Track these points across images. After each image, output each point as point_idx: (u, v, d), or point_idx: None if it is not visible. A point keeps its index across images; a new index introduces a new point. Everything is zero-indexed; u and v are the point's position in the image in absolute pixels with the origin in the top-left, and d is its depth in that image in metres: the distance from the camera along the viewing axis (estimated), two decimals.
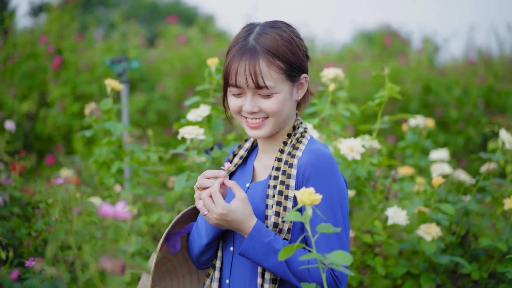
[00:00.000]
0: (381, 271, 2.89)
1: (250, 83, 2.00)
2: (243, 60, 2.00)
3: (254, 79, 1.99)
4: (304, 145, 2.10)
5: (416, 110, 6.97)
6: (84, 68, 7.00)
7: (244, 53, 2.00)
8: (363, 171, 2.83)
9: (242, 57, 2.00)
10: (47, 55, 7.12)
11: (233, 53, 2.03)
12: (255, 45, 2.01)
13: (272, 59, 2.00)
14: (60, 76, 6.93)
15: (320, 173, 2.00)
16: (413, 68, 7.32)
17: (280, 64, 2.01)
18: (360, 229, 2.97)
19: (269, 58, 2.00)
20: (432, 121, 4.09)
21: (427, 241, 2.84)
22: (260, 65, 1.99)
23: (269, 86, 2.00)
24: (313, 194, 1.70)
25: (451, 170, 3.37)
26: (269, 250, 1.95)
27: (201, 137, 2.75)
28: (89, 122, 3.17)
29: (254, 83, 1.99)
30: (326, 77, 3.09)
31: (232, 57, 2.02)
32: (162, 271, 2.25)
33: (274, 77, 2.01)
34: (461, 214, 3.18)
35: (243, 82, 2.00)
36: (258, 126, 2.07)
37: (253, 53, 2.00)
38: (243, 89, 2.03)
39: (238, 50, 2.02)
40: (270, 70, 2.00)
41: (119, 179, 3.28)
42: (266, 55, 2.00)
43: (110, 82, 3.04)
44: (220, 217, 1.94)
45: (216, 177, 2.02)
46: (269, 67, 2.00)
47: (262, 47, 2.00)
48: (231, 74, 2.02)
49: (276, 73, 2.01)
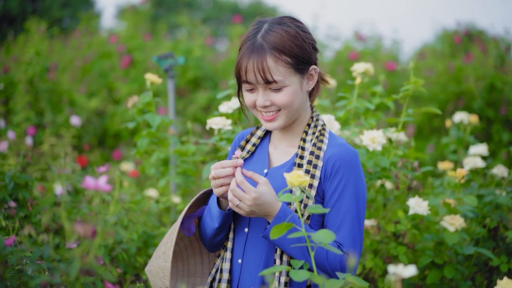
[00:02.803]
0: (404, 260, 2.96)
1: (259, 79, 2.12)
2: (251, 58, 2.12)
3: (262, 75, 2.11)
4: (327, 138, 2.23)
5: (480, 109, 6.90)
6: (152, 66, 7.28)
7: (252, 51, 2.13)
8: (387, 162, 2.90)
9: (251, 55, 2.13)
10: (118, 55, 7.47)
11: (243, 52, 2.16)
12: (262, 42, 2.13)
13: (279, 55, 2.12)
14: (129, 74, 7.24)
15: (349, 166, 2.14)
16: (476, 66, 7.22)
17: (287, 59, 2.13)
18: (384, 219, 3.04)
19: (275, 54, 2.12)
20: (476, 117, 4.10)
21: (450, 232, 2.90)
22: (268, 61, 2.11)
23: (277, 80, 2.12)
24: (301, 176, 1.82)
25: (483, 164, 3.39)
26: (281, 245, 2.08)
27: (228, 127, 2.91)
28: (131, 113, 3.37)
29: (263, 78, 2.12)
30: (357, 71, 3.17)
31: (242, 55, 2.16)
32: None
33: (282, 71, 2.12)
34: (492, 208, 3.21)
35: (253, 78, 2.14)
36: (272, 118, 2.20)
37: (260, 51, 2.12)
38: (254, 84, 2.16)
39: (247, 49, 2.15)
40: (277, 66, 2.12)
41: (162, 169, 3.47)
42: (273, 52, 2.12)
43: (149, 76, 3.23)
44: (253, 202, 2.03)
45: (233, 171, 2.12)
46: (276, 62, 2.11)
47: (269, 44, 2.12)
48: (242, 71, 2.15)
49: (284, 67, 2.13)
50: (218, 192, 2.15)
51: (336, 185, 2.12)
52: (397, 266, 1.51)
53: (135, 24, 8.34)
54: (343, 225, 2.10)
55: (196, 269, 2.47)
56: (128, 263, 3.23)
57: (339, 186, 2.12)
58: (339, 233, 2.10)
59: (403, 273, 1.49)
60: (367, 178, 2.98)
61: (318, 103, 3.36)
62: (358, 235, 2.13)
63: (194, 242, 2.48)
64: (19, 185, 2.97)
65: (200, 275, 2.47)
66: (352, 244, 2.10)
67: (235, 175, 2.10)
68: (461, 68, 7.28)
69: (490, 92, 7.04)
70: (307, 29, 2.26)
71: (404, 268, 1.50)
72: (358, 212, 2.13)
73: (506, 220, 3.26)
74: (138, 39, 7.44)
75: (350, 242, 2.10)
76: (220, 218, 2.22)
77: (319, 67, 2.27)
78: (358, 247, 2.12)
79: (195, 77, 7.36)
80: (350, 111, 3.12)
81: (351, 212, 2.11)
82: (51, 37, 8.88)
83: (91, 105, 6.96)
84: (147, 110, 3.30)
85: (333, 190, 2.12)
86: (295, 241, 2.04)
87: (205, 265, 2.48)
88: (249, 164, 2.33)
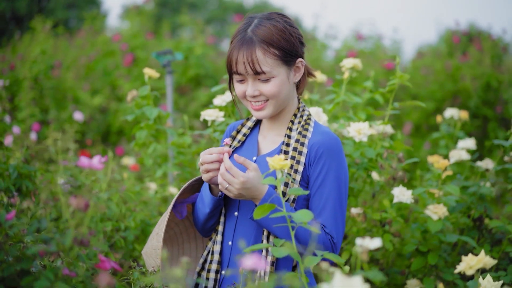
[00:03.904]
0: (389, 246, 3.09)
1: (249, 70, 2.27)
2: (241, 50, 2.28)
3: (252, 66, 2.26)
4: (312, 127, 2.37)
5: (476, 107, 7.03)
6: (154, 64, 7.44)
7: (243, 44, 2.28)
8: (373, 153, 3.04)
9: (241, 48, 2.28)
10: (121, 53, 7.63)
11: (234, 44, 2.32)
12: (252, 36, 2.29)
13: (267, 48, 2.27)
14: (132, 72, 7.39)
15: (331, 153, 2.29)
16: (472, 65, 7.34)
17: (275, 51, 2.28)
18: (371, 208, 3.18)
19: (264, 47, 2.27)
20: (466, 113, 4.23)
21: (433, 220, 3.03)
22: (257, 53, 2.26)
23: (266, 71, 2.27)
24: (282, 160, 1.96)
25: (468, 156, 3.52)
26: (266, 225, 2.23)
27: (221, 119, 3.06)
28: (130, 108, 3.51)
29: (252, 69, 2.27)
30: (345, 66, 3.31)
31: (233, 48, 2.31)
32: (164, 238, 2.54)
33: (270, 63, 2.27)
34: (476, 198, 3.35)
35: (243, 69, 2.28)
36: (261, 108, 2.35)
37: (250, 44, 2.27)
38: (244, 75, 2.31)
39: (238, 42, 2.30)
40: (265, 58, 2.27)
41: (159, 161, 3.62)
42: (262, 45, 2.27)
43: (147, 71, 3.37)
44: (241, 186, 2.18)
45: (221, 157, 2.27)
46: (264, 54, 2.27)
47: (258, 38, 2.28)
48: (233, 63, 2.31)
49: (272, 59, 2.28)
50: (205, 178, 2.30)
51: (319, 171, 2.26)
52: (364, 239, 1.64)
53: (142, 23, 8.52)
54: (326, 208, 2.24)
55: (190, 253, 2.61)
56: (127, 250, 3.37)
57: (322, 171, 2.26)
58: (322, 216, 2.24)
59: (369, 245, 1.62)
60: (354, 168, 3.12)
61: (309, 97, 3.49)
62: (340, 218, 2.26)
63: (189, 228, 2.62)
64: (22, 175, 3.11)
65: (194, 259, 2.60)
66: (334, 225, 2.24)
67: (223, 160, 2.24)
68: (458, 67, 7.42)
69: (486, 91, 7.17)
70: (294, 24, 2.41)
71: (370, 240, 1.63)
72: (339, 195, 2.27)
73: (490, 210, 3.40)
74: (141, 37, 7.60)
75: (332, 224, 2.23)
76: (211, 203, 2.36)
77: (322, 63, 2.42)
78: (340, 229, 2.26)
79: (196, 75, 7.52)
80: (338, 104, 3.25)
81: (332, 196, 2.25)
82: (56, 36, 9.05)
83: (94, 102, 7.11)
84: (145, 103, 3.43)
85: (316, 175, 2.26)
86: (279, 222, 2.18)
87: (199, 250, 2.62)
88: (240, 152, 2.47)
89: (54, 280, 1.55)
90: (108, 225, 3.20)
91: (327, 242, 2.22)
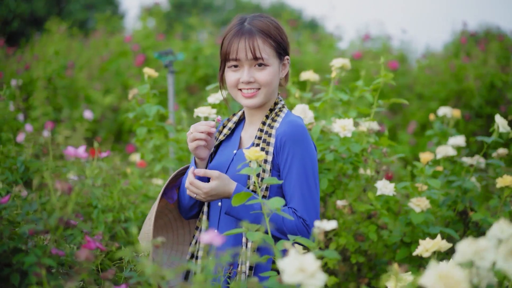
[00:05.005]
0: (373, 237, 3.25)
1: (249, 55, 2.45)
2: (242, 38, 2.46)
3: (253, 51, 2.45)
4: (281, 117, 2.54)
5: (479, 106, 7.14)
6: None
7: (243, 33, 2.47)
8: (358, 148, 3.19)
9: (242, 36, 2.47)
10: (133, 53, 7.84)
11: (232, 35, 2.49)
12: (251, 27, 2.48)
13: (265, 38, 2.48)
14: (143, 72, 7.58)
15: (295, 141, 2.43)
16: (476, 65, 7.45)
17: (271, 42, 2.49)
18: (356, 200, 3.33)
19: (263, 36, 2.47)
20: (459, 112, 4.36)
21: (416, 212, 3.19)
22: (258, 41, 2.46)
23: (264, 58, 2.46)
24: (258, 151, 2.13)
25: (454, 152, 3.66)
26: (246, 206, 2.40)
27: (213, 116, 3.24)
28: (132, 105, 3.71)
29: (253, 54, 2.45)
30: (335, 66, 3.46)
31: (232, 37, 2.49)
32: (159, 224, 2.72)
33: (267, 51, 2.48)
34: (461, 192, 3.50)
35: (243, 55, 2.46)
36: (252, 95, 2.51)
37: (250, 33, 2.47)
38: (241, 62, 2.48)
39: (236, 32, 2.49)
40: (264, 46, 2.47)
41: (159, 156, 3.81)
42: (261, 34, 2.47)
43: (147, 70, 3.56)
44: (207, 195, 2.40)
45: (209, 129, 2.48)
46: (263, 43, 2.47)
47: (257, 29, 2.48)
48: (232, 50, 2.48)
49: (269, 48, 2.48)
50: (192, 146, 2.50)
51: (285, 159, 2.42)
52: (322, 222, 1.80)
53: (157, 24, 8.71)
54: (295, 193, 2.40)
55: (184, 238, 2.79)
56: (127, 241, 3.56)
57: (288, 159, 2.42)
58: (293, 201, 2.40)
59: (326, 226, 1.78)
60: (340, 162, 3.28)
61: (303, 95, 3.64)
62: (311, 202, 2.41)
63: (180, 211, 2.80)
64: (29, 169, 3.31)
65: (187, 243, 2.78)
66: (305, 209, 2.39)
67: (188, 176, 2.45)
68: (461, 67, 7.52)
69: (490, 90, 7.27)
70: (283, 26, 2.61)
71: (327, 222, 1.80)
72: (307, 179, 2.42)
73: (475, 204, 3.55)
74: (152, 38, 7.80)
75: (303, 207, 2.39)
76: (196, 177, 2.51)
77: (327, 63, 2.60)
78: (312, 213, 2.40)
79: (205, 75, 7.72)
80: (327, 102, 3.41)
81: (300, 182, 2.40)
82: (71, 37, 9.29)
83: (105, 101, 7.32)
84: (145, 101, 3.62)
85: (283, 163, 2.42)
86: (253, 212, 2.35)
87: (192, 234, 2.80)
88: (226, 145, 2.65)
89: (42, 256, 1.73)
90: (109, 216, 3.39)
91: (300, 225, 2.37)
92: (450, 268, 1.43)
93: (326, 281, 2.70)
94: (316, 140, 3.23)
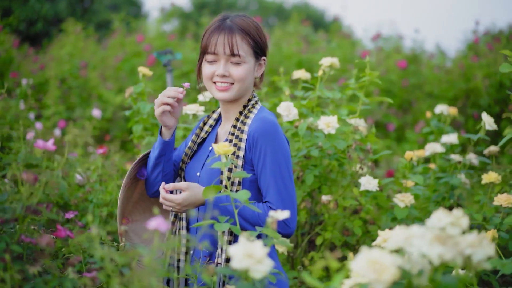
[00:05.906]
0: (358, 231, 3.32)
1: (227, 50, 2.54)
2: (222, 33, 2.55)
3: (230, 47, 2.54)
4: (254, 114, 2.62)
5: (488, 105, 7.14)
6: (177, 65, 7.76)
7: (223, 29, 2.57)
8: (343, 145, 3.26)
9: (221, 31, 2.56)
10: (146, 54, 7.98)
11: (213, 29, 2.58)
12: (232, 24, 2.58)
13: (244, 35, 2.56)
14: (154, 72, 7.72)
15: (266, 136, 2.51)
16: (483, 64, 7.45)
17: (250, 41, 2.58)
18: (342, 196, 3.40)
19: (242, 34, 2.56)
20: (455, 110, 4.40)
21: (400, 207, 3.25)
22: (236, 37, 2.55)
23: (240, 55, 2.55)
24: (227, 146, 2.22)
25: (443, 149, 3.72)
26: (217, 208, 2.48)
27: (201, 113, 3.33)
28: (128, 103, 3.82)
29: (230, 50, 2.54)
30: (324, 64, 3.53)
31: (212, 31, 2.58)
32: (142, 207, 2.81)
33: (244, 49, 2.56)
34: (448, 188, 3.56)
35: (221, 50, 2.55)
36: (225, 89, 2.60)
37: (230, 29, 2.56)
38: (219, 56, 2.57)
39: (217, 27, 2.58)
40: (242, 43, 2.56)
41: None
42: (240, 32, 2.56)
43: (141, 69, 3.67)
44: (181, 206, 2.50)
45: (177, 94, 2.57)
46: (242, 40, 2.56)
47: (237, 26, 2.57)
48: (211, 44, 2.56)
49: (247, 46, 2.57)
50: (157, 112, 2.57)
51: (258, 154, 2.50)
52: (275, 212, 1.89)
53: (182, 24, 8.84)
54: (270, 187, 2.47)
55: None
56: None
57: (261, 155, 2.50)
58: (268, 195, 2.48)
59: (279, 216, 1.87)
60: (326, 159, 3.36)
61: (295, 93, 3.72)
62: (286, 195, 2.48)
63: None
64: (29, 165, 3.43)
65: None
66: (280, 202, 2.46)
67: (160, 192, 2.54)
68: (470, 66, 7.53)
69: (498, 89, 7.26)
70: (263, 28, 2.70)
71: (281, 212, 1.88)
72: (281, 174, 2.49)
73: (462, 200, 3.60)
74: (164, 38, 7.93)
75: (278, 201, 2.46)
76: (159, 146, 2.64)
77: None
78: (287, 203, 2.47)
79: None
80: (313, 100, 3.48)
81: (274, 176, 2.48)
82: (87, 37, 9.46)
83: (116, 101, 7.46)
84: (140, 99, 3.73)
85: (257, 159, 2.50)
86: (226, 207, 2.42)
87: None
88: (205, 142, 2.75)
89: (10, 243, 1.84)
90: (104, 210, 3.51)
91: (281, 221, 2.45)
92: (380, 254, 1.50)
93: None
94: (302, 137, 3.31)
